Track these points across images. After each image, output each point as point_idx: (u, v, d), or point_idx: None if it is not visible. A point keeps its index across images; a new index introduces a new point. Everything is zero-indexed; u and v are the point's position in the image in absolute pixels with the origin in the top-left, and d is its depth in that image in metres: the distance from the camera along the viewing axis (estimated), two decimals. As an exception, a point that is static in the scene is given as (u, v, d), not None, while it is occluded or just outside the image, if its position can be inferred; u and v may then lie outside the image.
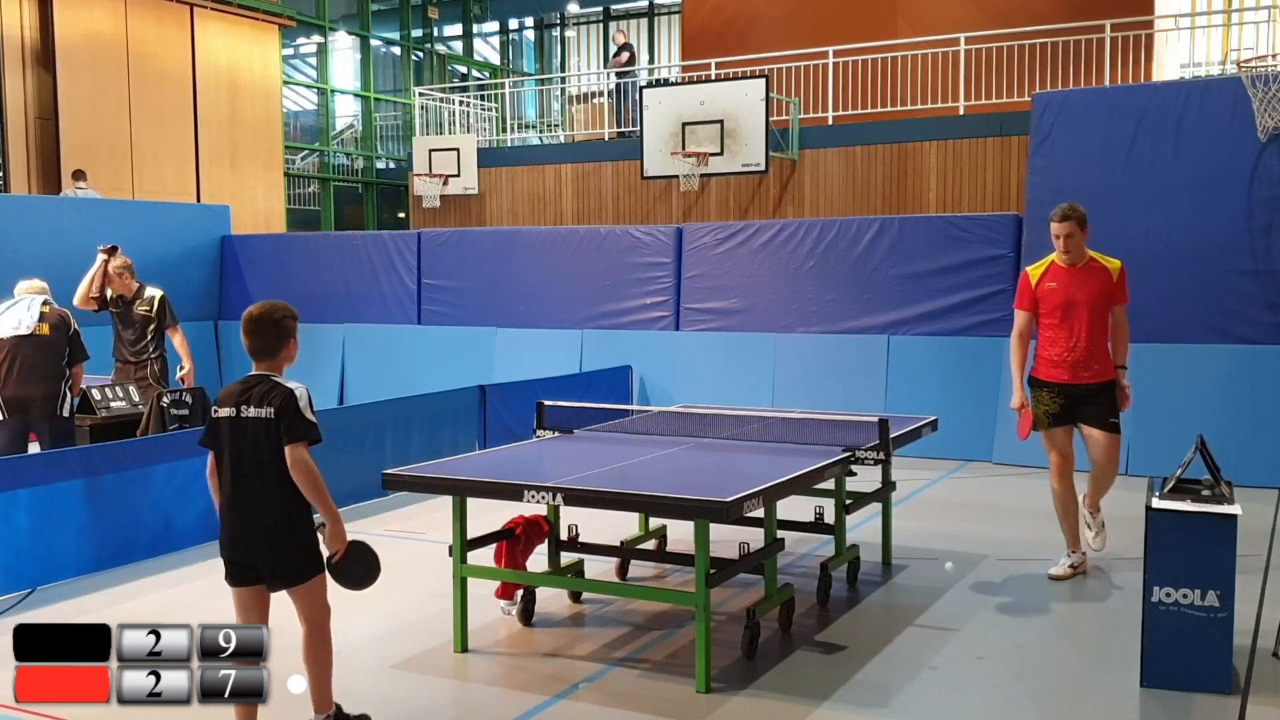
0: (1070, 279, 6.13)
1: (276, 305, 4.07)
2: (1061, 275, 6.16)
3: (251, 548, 3.98)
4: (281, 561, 3.99)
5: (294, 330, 4.06)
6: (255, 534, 3.97)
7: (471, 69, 29.72)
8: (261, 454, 3.93)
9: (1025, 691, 4.83)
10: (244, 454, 3.95)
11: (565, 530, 5.96)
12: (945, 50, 14.94)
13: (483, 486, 5.11)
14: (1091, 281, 6.12)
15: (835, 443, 6.03)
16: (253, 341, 4.01)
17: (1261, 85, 8.91)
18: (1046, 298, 6.18)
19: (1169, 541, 4.71)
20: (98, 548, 6.61)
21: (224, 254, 14.50)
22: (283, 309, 4.06)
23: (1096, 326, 6.10)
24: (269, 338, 4.00)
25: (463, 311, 13.00)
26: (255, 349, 4.02)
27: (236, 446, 3.97)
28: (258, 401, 3.94)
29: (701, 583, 4.76)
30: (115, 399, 8.25)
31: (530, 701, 4.66)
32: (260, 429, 3.92)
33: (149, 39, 17.57)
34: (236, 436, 3.96)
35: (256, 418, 3.93)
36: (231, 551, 4.04)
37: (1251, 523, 6.39)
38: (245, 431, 3.94)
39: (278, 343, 4.00)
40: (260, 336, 4.00)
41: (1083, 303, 6.08)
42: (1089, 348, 6.08)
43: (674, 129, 14.46)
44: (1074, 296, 6.10)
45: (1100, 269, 6.17)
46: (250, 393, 3.98)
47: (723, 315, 11.62)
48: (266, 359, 4.02)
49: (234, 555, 4.03)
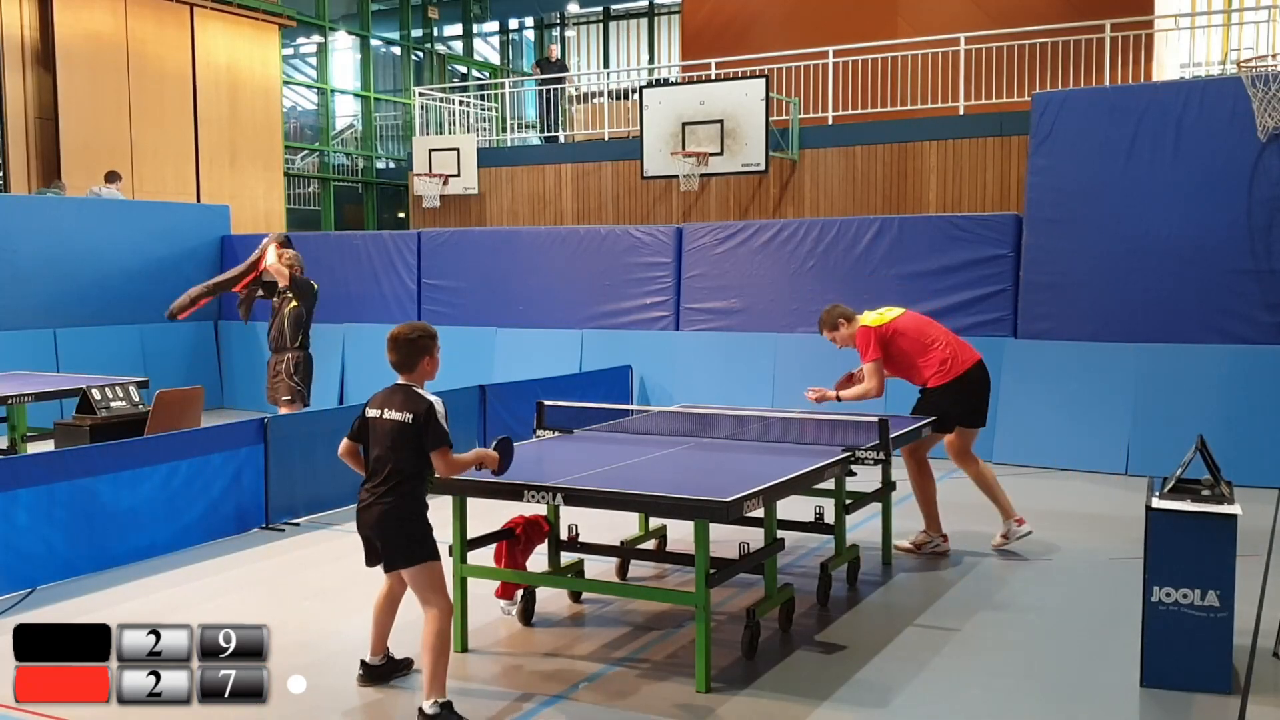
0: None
1: (415, 326, 4.60)
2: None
3: (371, 527, 4.50)
4: (394, 544, 4.46)
5: (430, 348, 4.55)
6: (374, 517, 4.48)
7: (471, 69, 29.72)
8: (393, 451, 4.44)
9: (1025, 691, 4.83)
10: (380, 449, 4.50)
11: (565, 530, 5.96)
12: (945, 50, 14.94)
13: (483, 486, 5.10)
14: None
15: (835, 443, 6.03)
16: (393, 356, 4.53)
17: (1261, 85, 8.90)
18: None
19: (1169, 541, 4.71)
20: (98, 548, 6.61)
21: (224, 254, 14.48)
22: (420, 329, 4.57)
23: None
24: (405, 354, 4.51)
25: (463, 311, 13.00)
26: (395, 363, 4.54)
27: (376, 442, 4.51)
28: (399, 407, 4.45)
29: (701, 583, 4.76)
30: (115, 399, 8.25)
31: (530, 701, 4.66)
32: (396, 430, 4.43)
33: (149, 39, 17.56)
34: (377, 433, 4.50)
35: (397, 420, 4.45)
36: (359, 529, 4.59)
37: (1251, 523, 6.38)
38: (384, 430, 4.47)
39: (414, 359, 4.50)
40: (398, 352, 4.51)
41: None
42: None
43: (674, 129, 14.46)
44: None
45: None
46: (393, 399, 4.51)
47: (722, 315, 11.62)
48: (405, 372, 4.54)
49: (361, 532, 4.58)
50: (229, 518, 7.44)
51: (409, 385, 4.53)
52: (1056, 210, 9.97)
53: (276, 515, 7.72)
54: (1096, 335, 9.76)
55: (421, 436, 4.39)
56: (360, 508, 4.53)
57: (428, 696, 4.37)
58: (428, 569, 4.45)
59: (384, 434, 4.47)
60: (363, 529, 4.56)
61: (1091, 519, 7.86)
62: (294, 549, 7.24)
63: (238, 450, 7.52)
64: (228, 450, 7.46)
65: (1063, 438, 9.67)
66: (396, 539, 4.45)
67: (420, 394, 4.49)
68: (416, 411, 4.40)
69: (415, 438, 4.40)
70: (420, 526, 4.50)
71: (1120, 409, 9.54)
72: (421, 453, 4.43)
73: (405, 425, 4.41)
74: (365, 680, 4.79)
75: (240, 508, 7.52)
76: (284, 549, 7.24)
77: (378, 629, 4.79)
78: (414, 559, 4.44)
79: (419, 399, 4.45)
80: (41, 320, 12.30)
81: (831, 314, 7.06)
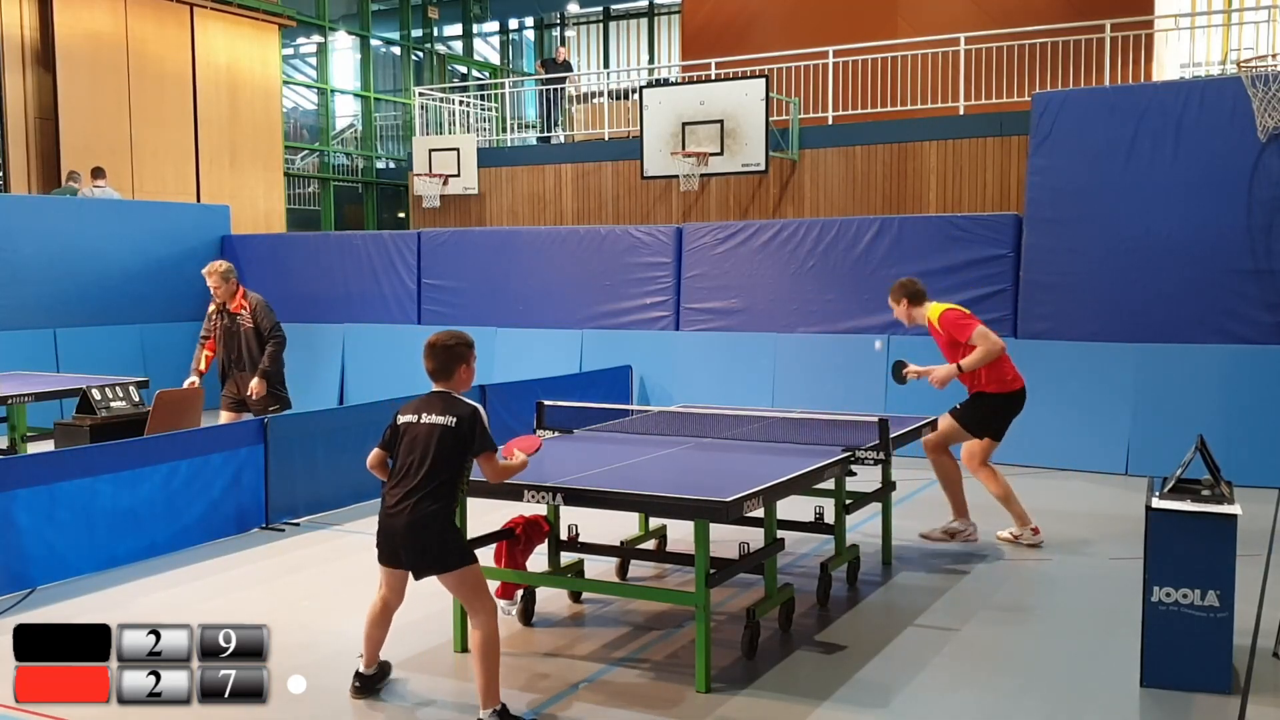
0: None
1: (453, 334, 4.57)
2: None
3: (404, 533, 4.35)
4: (433, 550, 4.35)
5: (467, 356, 4.52)
6: (408, 522, 4.32)
7: (471, 69, 29.72)
8: (433, 455, 4.34)
9: (1025, 691, 4.83)
10: (415, 454, 4.38)
11: (565, 530, 5.96)
12: (945, 50, 14.94)
13: (483, 486, 5.10)
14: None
15: (835, 443, 6.03)
16: (430, 363, 4.50)
17: (1261, 85, 8.90)
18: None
19: (1169, 541, 4.71)
20: (98, 548, 6.61)
21: (224, 254, 14.46)
22: (458, 337, 4.55)
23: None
24: (442, 361, 4.48)
25: (463, 311, 13.00)
26: (431, 370, 4.50)
27: (410, 448, 4.40)
28: (440, 411, 4.40)
29: (701, 583, 4.76)
30: (115, 399, 8.25)
31: (530, 701, 4.66)
32: (438, 434, 4.35)
33: (149, 39, 17.57)
34: (413, 438, 4.40)
35: (439, 424, 4.37)
36: (386, 537, 4.45)
37: (1251, 523, 6.39)
38: (422, 434, 4.38)
39: (452, 366, 4.48)
40: (435, 359, 4.49)
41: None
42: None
43: (674, 129, 14.46)
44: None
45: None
46: (432, 405, 4.44)
47: (723, 315, 11.62)
48: (442, 379, 4.49)
49: (389, 539, 4.44)
50: (229, 518, 7.44)
51: (447, 392, 4.49)
52: (1056, 210, 9.97)
53: (276, 515, 7.72)
54: (1096, 335, 9.76)
55: (465, 441, 4.36)
56: (390, 513, 4.38)
57: (485, 706, 4.31)
58: (472, 572, 4.42)
59: (422, 438, 4.37)
60: (392, 536, 4.40)
61: (1091, 519, 7.86)
62: (294, 549, 7.24)
63: (237, 450, 7.52)
64: (228, 450, 7.46)
65: (1063, 438, 9.67)
66: (436, 545, 4.35)
67: (462, 400, 4.46)
68: (461, 416, 4.36)
69: (457, 442, 4.35)
70: (458, 531, 4.53)
71: (1120, 409, 9.54)
72: (460, 458, 4.39)
73: (448, 429, 4.35)
74: (359, 693, 4.68)
75: (240, 508, 7.52)
76: (284, 549, 7.24)
77: (371, 642, 4.69)
78: (459, 562, 4.38)
79: (462, 404, 4.42)
80: (41, 320, 12.30)
81: (915, 288, 7.23)
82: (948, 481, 7.23)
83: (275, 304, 9.00)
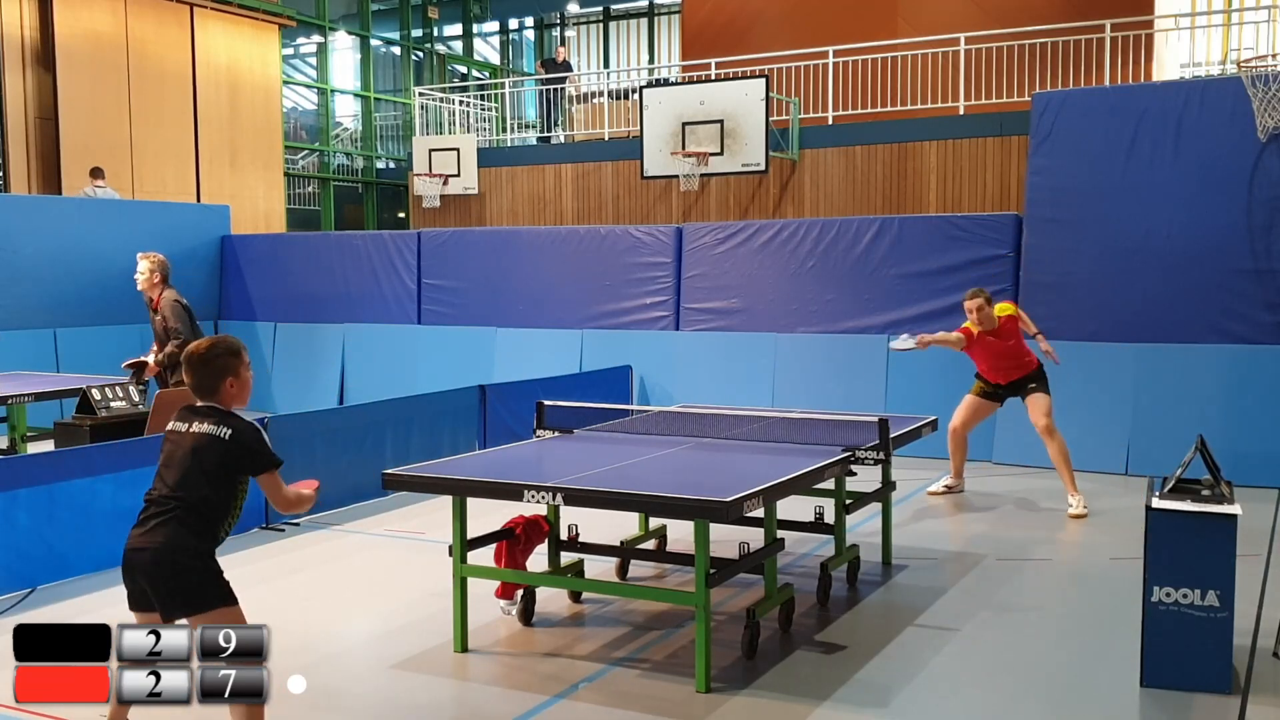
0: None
1: (215, 342, 3.95)
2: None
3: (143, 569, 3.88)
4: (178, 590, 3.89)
5: (233, 367, 3.89)
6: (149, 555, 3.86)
7: (471, 69, 29.72)
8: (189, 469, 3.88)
9: (1025, 691, 4.83)
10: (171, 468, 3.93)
11: (565, 530, 5.96)
12: (945, 50, 14.95)
13: (483, 486, 5.10)
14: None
15: (835, 443, 6.03)
16: (188, 378, 3.94)
17: (1261, 85, 8.90)
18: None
19: (1169, 541, 4.71)
20: (98, 548, 6.60)
21: (224, 254, 14.49)
22: (220, 345, 3.93)
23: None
24: (200, 376, 3.90)
25: (463, 311, 13.00)
26: (192, 386, 3.93)
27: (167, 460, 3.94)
28: (215, 421, 3.86)
29: (701, 583, 4.76)
30: (115, 399, 8.25)
31: (530, 701, 4.66)
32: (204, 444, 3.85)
33: (149, 39, 17.56)
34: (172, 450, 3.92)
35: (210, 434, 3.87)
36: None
37: (1251, 523, 6.40)
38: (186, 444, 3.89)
39: (213, 381, 3.88)
40: (193, 374, 3.91)
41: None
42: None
43: (674, 129, 14.46)
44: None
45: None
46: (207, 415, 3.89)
47: (723, 315, 11.62)
48: (207, 396, 3.91)
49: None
50: (229, 518, 7.43)
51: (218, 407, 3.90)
52: (1056, 210, 9.97)
53: (276, 515, 7.72)
54: (1096, 335, 9.76)
55: (239, 458, 3.82)
56: (133, 545, 3.88)
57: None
58: (233, 614, 3.87)
59: (185, 449, 3.86)
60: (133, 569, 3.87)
61: (1091, 519, 7.86)
62: (294, 549, 7.24)
63: (238, 450, 7.50)
64: (228, 450, 7.44)
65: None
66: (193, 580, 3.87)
67: (240, 415, 3.91)
68: (238, 428, 3.83)
69: (227, 457, 3.82)
70: (218, 570, 3.96)
71: (1120, 409, 9.54)
72: (230, 478, 3.86)
73: (218, 440, 3.81)
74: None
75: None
76: (284, 549, 7.24)
77: None
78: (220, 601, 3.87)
79: (240, 419, 3.88)
80: (41, 320, 12.30)
81: (988, 293, 8.35)
82: (1064, 457, 8.04)
83: (275, 304, 9.01)
